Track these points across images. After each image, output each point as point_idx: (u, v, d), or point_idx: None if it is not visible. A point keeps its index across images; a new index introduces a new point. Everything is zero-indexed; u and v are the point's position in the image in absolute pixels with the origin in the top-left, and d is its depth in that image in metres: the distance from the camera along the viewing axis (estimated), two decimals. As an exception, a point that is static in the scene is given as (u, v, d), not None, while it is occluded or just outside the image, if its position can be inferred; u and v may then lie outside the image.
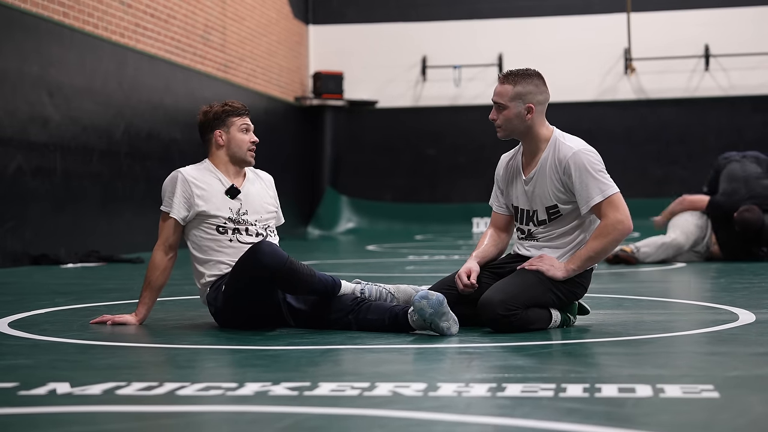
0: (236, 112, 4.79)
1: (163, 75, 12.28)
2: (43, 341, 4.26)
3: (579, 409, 2.79)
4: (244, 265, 4.46)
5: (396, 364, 3.71)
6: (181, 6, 12.85)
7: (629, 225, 4.43)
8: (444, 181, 18.08)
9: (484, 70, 17.86)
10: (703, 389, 3.02)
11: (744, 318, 4.75)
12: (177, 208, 4.69)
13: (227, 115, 4.78)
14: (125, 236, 11.05)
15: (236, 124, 4.77)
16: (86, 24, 10.53)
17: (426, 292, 4.28)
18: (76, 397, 3.01)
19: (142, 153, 11.65)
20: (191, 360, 3.86)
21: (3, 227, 9.05)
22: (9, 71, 9.18)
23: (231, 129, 4.77)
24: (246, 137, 4.77)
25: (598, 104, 17.60)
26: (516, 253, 4.66)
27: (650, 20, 17.37)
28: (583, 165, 4.42)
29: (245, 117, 4.80)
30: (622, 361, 3.72)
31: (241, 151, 4.77)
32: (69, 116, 10.12)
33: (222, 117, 4.78)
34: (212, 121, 4.79)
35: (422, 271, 8.43)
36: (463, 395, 3.00)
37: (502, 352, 3.90)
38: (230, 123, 4.78)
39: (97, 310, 5.38)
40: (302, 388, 3.11)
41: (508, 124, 4.52)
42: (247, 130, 4.79)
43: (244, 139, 4.77)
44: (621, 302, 5.66)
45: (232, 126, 4.77)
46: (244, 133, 4.78)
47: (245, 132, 4.78)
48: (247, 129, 4.79)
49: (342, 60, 18.14)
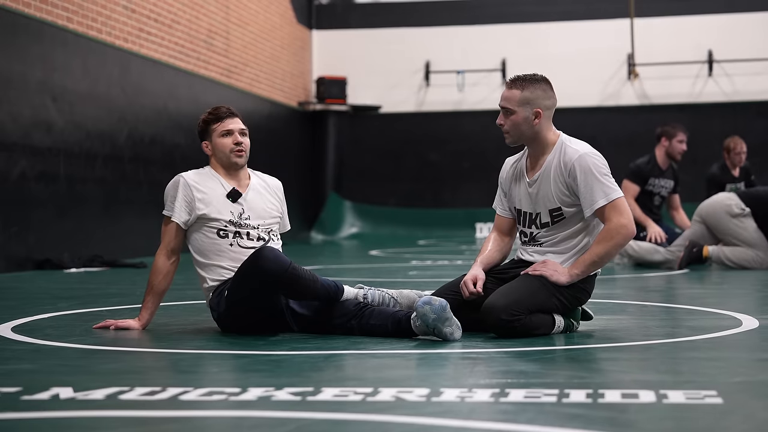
0: (216, 118, 4.77)
1: (167, 80, 12.30)
2: (46, 346, 4.26)
3: (582, 415, 2.79)
4: (247, 270, 4.46)
5: (399, 369, 3.71)
6: (184, 11, 12.87)
7: (633, 229, 4.43)
8: (447, 186, 18.07)
9: (487, 75, 17.86)
10: (707, 395, 3.01)
11: (747, 324, 4.74)
12: (179, 212, 4.70)
13: (207, 124, 4.78)
14: (128, 241, 11.05)
15: (216, 130, 4.76)
16: (90, 29, 10.55)
17: (429, 297, 4.28)
18: (79, 402, 3.01)
19: (145, 158, 11.66)
20: (194, 365, 3.86)
21: (7, 232, 9.06)
22: (13, 76, 9.19)
23: (212, 136, 4.77)
24: (227, 140, 4.74)
25: (601, 110, 17.59)
26: (519, 259, 4.66)
27: (654, 26, 17.37)
28: (588, 168, 4.42)
29: (225, 120, 4.76)
30: (626, 366, 3.72)
31: (225, 156, 4.76)
32: (72, 121, 10.13)
33: (204, 127, 4.80)
34: (200, 133, 4.82)
35: (425, 276, 8.43)
36: (466, 401, 3.00)
37: (505, 357, 3.90)
38: (211, 131, 4.78)
39: (100, 315, 5.38)
40: (305, 393, 3.11)
41: (516, 129, 4.52)
42: (228, 134, 4.75)
43: (225, 143, 4.75)
44: (624, 308, 5.65)
45: (213, 133, 4.77)
46: (224, 137, 4.75)
47: (226, 136, 4.76)
48: (227, 132, 4.75)
49: (345, 65, 18.16)
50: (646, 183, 9.56)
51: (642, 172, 9.56)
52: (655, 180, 9.59)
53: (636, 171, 9.58)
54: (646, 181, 9.56)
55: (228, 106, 4.84)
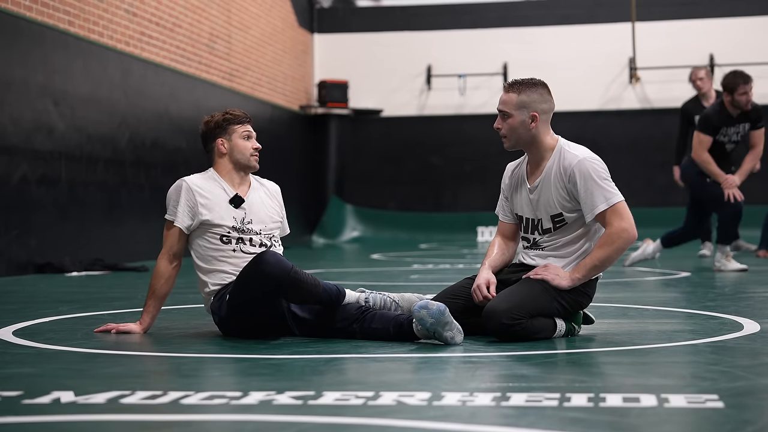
0: (237, 120, 4.80)
1: (168, 83, 12.30)
2: (48, 350, 4.26)
3: (583, 419, 2.79)
4: (249, 274, 4.46)
5: (400, 373, 3.71)
6: (186, 15, 12.88)
7: (634, 233, 4.43)
8: (449, 190, 18.08)
9: (489, 78, 17.87)
10: (708, 399, 3.01)
11: (749, 328, 4.74)
12: (181, 217, 4.70)
13: (228, 123, 4.79)
14: (130, 245, 11.06)
15: (238, 131, 4.79)
16: (91, 32, 10.56)
17: (426, 302, 4.28)
18: (80, 406, 3.01)
19: (146, 161, 11.66)
20: (195, 369, 3.86)
21: (8, 235, 9.06)
22: (14, 79, 9.19)
23: (233, 137, 4.78)
24: (248, 144, 4.79)
25: (602, 113, 17.59)
26: (521, 262, 4.66)
27: (655, 30, 17.37)
28: (588, 173, 4.43)
29: (246, 124, 4.82)
30: (627, 370, 3.71)
31: (244, 158, 4.77)
32: (74, 125, 10.14)
33: (223, 125, 4.79)
34: (214, 130, 4.80)
35: (427, 280, 8.42)
36: (467, 404, 3.00)
37: (506, 361, 3.90)
38: (231, 131, 4.79)
39: (101, 319, 5.38)
40: (306, 397, 3.11)
41: (513, 133, 4.52)
42: (248, 137, 4.80)
43: (246, 146, 4.78)
44: (626, 311, 5.65)
45: (233, 134, 4.78)
46: (245, 140, 4.79)
47: (247, 139, 4.79)
48: (248, 136, 4.80)
49: (347, 69, 18.17)
50: (718, 132, 8.87)
51: (712, 123, 8.86)
52: (726, 129, 8.90)
53: (706, 121, 8.90)
54: (718, 130, 8.87)
55: (242, 111, 4.88)
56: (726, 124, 8.89)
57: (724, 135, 8.93)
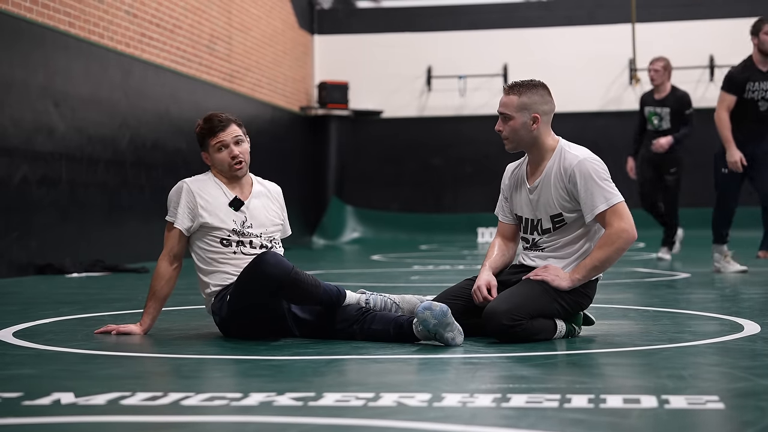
0: (210, 131, 4.72)
1: (169, 85, 12.30)
2: (48, 351, 4.26)
3: (584, 420, 2.79)
4: (249, 275, 4.46)
5: (401, 374, 3.71)
6: (186, 16, 12.88)
7: (633, 234, 4.43)
8: (449, 191, 18.08)
9: (489, 80, 17.87)
10: (709, 400, 3.01)
11: (749, 329, 4.74)
12: (181, 219, 4.70)
13: (203, 137, 4.75)
14: (130, 246, 11.05)
15: (212, 144, 4.73)
16: (92, 34, 10.56)
17: (429, 303, 4.28)
18: (81, 408, 3.01)
19: (147, 163, 11.66)
20: (196, 370, 3.86)
21: (8, 237, 9.06)
22: (15, 81, 9.19)
23: (210, 150, 4.76)
24: (224, 155, 4.71)
25: (602, 114, 17.59)
26: (521, 263, 4.66)
27: (655, 31, 17.37)
28: (588, 173, 4.43)
29: (218, 134, 4.70)
30: (627, 371, 3.71)
31: (224, 168, 4.75)
32: (74, 126, 10.14)
33: (200, 140, 4.77)
34: (199, 143, 4.80)
35: (427, 281, 8.42)
36: (467, 406, 2.99)
37: (506, 362, 3.89)
38: (207, 145, 4.76)
39: (101, 320, 5.38)
40: (307, 398, 3.11)
41: (515, 135, 4.52)
42: (223, 147, 4.71)
43: (222, 158, 4.72)
44: (626, 312, 5.65)
45: (210, 147, 4.75)
46: (220, 152, 4.72)
47: (221, 150, 4.72)
48: (223, 146, 4.71)
49: (347, 70, 18.17)
50: (744, 90, 8.37)
51: (736, 80, 8.38)
52: (754, 84, 8.40)
53: (729, 79, 8.42)
54: (744, 88, 8.37)
55: (219, 115, 4.75)
56: (753, 79, 8.31)
57: (753, 91, 8.29)
